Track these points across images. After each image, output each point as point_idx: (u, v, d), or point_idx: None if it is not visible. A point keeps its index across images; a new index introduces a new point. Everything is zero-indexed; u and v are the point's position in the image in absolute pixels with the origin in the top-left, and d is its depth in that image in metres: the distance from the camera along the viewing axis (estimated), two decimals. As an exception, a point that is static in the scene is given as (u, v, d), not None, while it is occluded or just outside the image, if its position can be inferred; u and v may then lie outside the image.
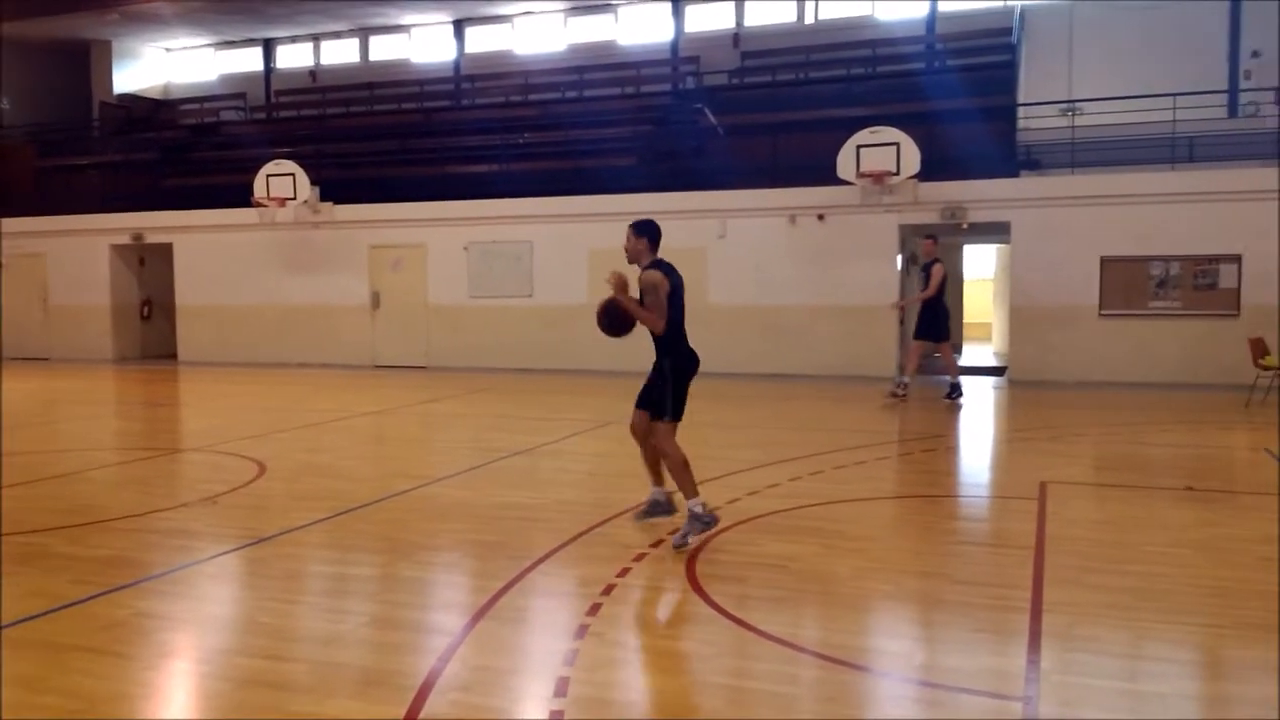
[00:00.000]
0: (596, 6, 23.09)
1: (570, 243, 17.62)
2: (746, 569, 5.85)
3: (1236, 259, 14.69)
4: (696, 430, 11.23)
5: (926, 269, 13.16)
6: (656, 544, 6.30)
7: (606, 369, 16.70)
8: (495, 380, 16.54)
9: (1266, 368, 12.62)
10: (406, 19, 24.48)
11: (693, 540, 6.24)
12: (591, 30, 23.52)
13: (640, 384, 6.71)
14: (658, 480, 6.61)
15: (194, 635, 4.99)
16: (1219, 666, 4.61)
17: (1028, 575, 5.63)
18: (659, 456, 6.46)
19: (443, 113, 22.34)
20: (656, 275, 6.31)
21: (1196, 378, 14.52)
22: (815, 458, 9.10)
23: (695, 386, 6.75)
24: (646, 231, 6.45)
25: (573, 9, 23.34)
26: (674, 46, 22.54)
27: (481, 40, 24.71)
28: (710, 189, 16.87)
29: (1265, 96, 17.46)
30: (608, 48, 23.08)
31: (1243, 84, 18.69)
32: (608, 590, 5.42)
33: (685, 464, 6.31)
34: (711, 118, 18.14)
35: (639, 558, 6.03)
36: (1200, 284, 14.94)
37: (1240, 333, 13.83)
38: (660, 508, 6.61)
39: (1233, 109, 18.37)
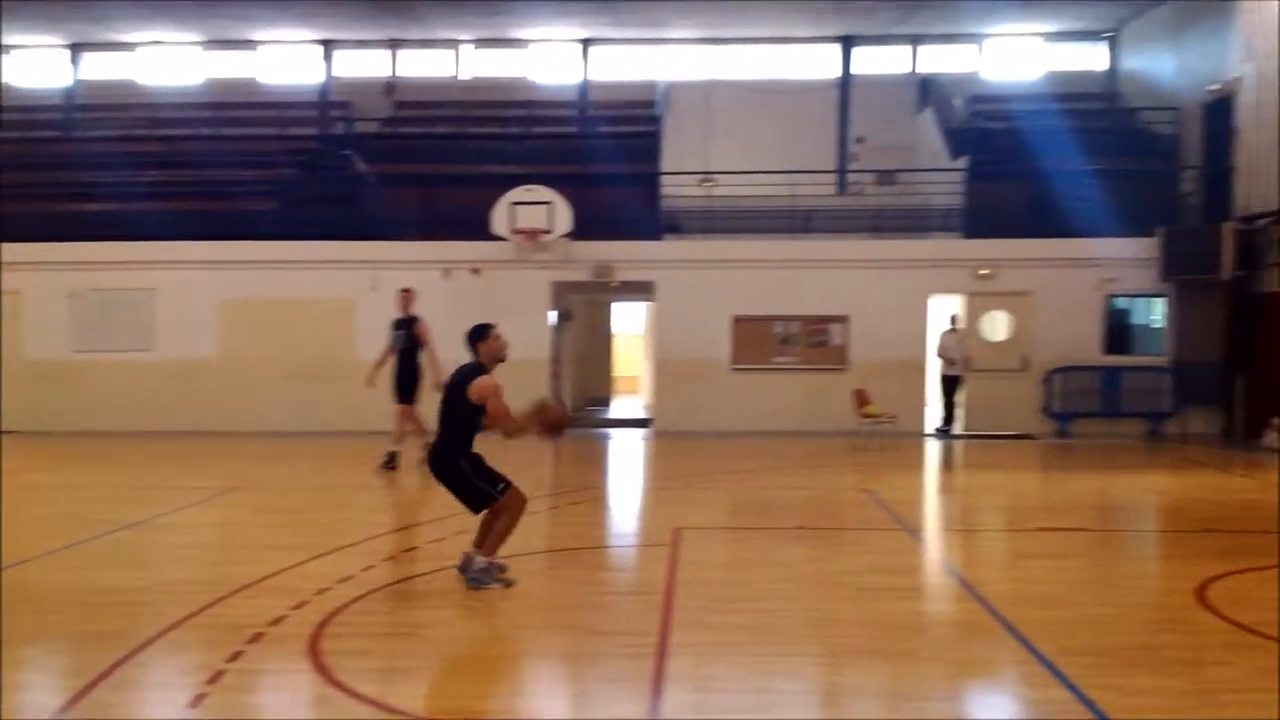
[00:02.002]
0: (236, 42, 21.79)
1: (199, 291, 16.21)
2: (375, 641, 5.51)
3: (844, 319, 16.46)
4: (336, 493, 10.70)
5: (404, 325, 11.64)
6: (277, 621, 5.74)
7: (238, 430, 15.48)
8: (105, 444, 14.68)
9: (867, 416, 14.19)
10: (9, 39, 21.64)
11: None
12: (231, 66, 22.13)
13: (265, 444, 6.14)
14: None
15: None
16: (826, 694, 4.95)
17: (657, 621, 5.76)
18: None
19: (50, 144, 19.90)
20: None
21: (813, 425, 15.98)
22: (459, 517, 8.80)
23: (354, 450, 6.34)
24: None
25: (209, 42, 21.85)
26: (323, 89, 21.77)
27: (100, 67, 22.41)
28: (360, 239, 16.31)
29: (868, 177, 19.87)
30: (249, 85, 21.83)
31: (850, 165, 21.21)
32: (215, 678, 4.86)
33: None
34: (362, 165, 17.61)
35: (255, 639, 5.46)
36: (814, 342, 16.57)
37: (848, 385, 15.42)
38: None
39: (841, 186, 20.74)
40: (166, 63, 22.23)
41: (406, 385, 11.59)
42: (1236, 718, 4.44)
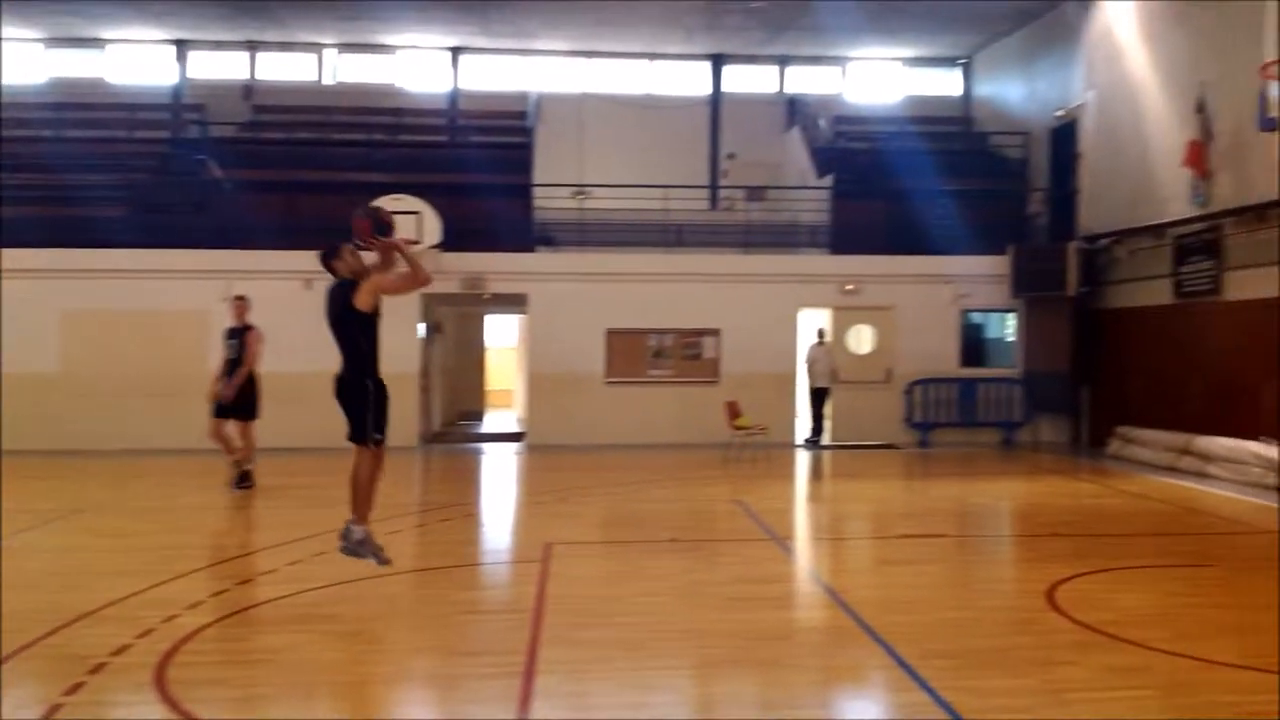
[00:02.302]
0: (82, 40, 20.61)
1: (37, 302, 15.14)
2: (228, 669, 5.25)
3: (716, 332, 16.68)
4: (184, 515, 10.17)
5: (237, 335, 11.20)
6: (121, 651, 5.40)
7: (81, 449, 14.56)
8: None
9: (739, 428, 14.40)
10: None
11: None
12: (77, 65, 20.90)
13: (111, 463, 5.80)
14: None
15: None
16: (696, 706, 4.95)
17: (525, 638, 5.65)
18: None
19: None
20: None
21: (687, 438, 16.12)
22: (320, 537, 8.50)
23: (205, 469, 6.05)
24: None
25: (53, 39, 20.59)
26: (176, 91, 20.79)
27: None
28: (215, 248, 15.61)
29: (738, 194, 20.21)
30: (96, 85, 20.67)
31: (721, 181, 21.55)
32: (52, 712, 4.56)
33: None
34: (218, 171, 16.86)
35: (97, 669, 5.13)
36: (688, 354, 16.74)
37: (721, 397, 15.62)
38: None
39: (713, 202, 21.05)
40: (7, 60, 20.80)
41: (240, 399, 11.01)
42: (1083, 715, 4.64)
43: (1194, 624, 6.04)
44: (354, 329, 6.51)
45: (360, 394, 6.53)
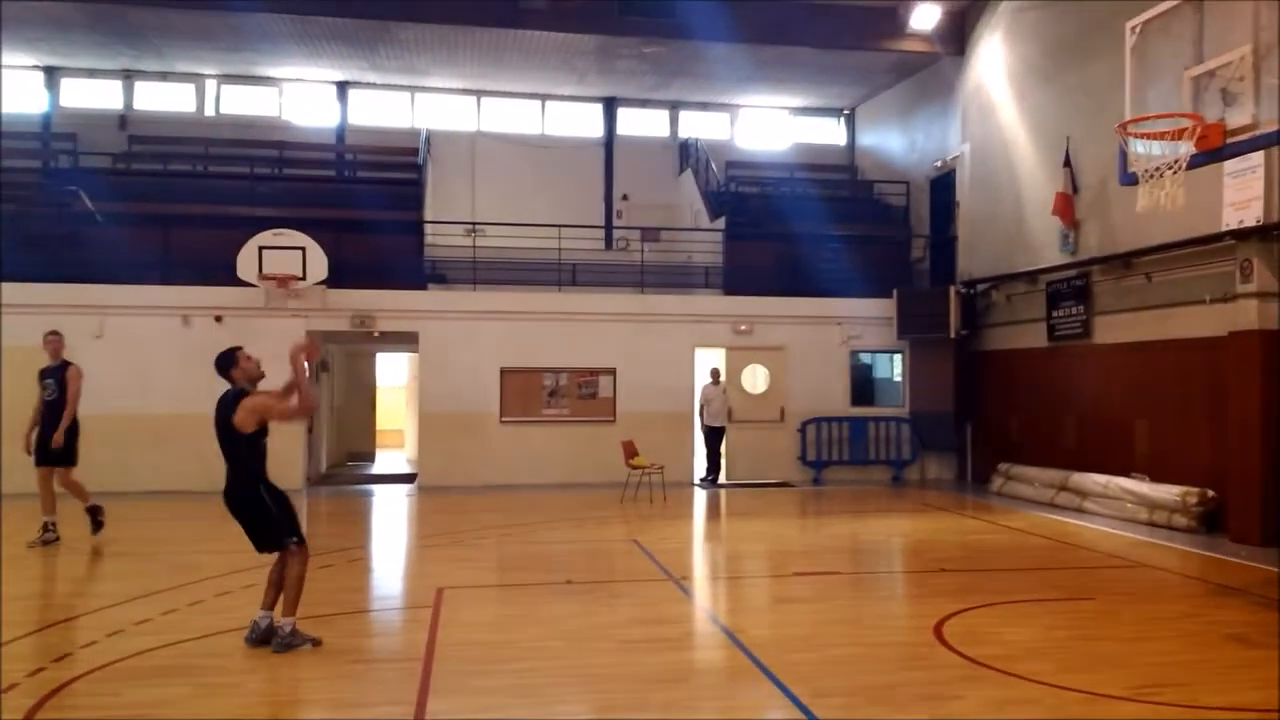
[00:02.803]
0: (-55, 63, 19.55)
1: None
2: (94, 727, 4.88)
3: (612, 372, 16.67)
4: (51, 562, 9.51)
5: (53, 374, 10.24)
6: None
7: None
8: None
9: (635, 467, 14.35)
10: None
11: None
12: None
13: None
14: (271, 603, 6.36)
15: None
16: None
17: (415, 688, 5.44)
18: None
19: None
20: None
21: (583, 477, 16.01)
22: (197, 585, 8.11)
23: (72, 514, 5.62)
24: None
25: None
26: (47, 120, 19.84)
27: None
28: (85, 282, 14.86)
29: (633, 234, 20.35)
30: (-41, 112, 19.60)
31: (616, 222, 21.67)
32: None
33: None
34: (89, 203, 16.11)
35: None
36: (584, 394, 16.67)
37: (617, 437, 15.55)
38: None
39: (609, 242, 21.15)
40: None
41: (43, 444, 10.15)
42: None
43: (1078, 656, 6.21)
44: (239, 445, 6.18)
45: (257, 505, 6.19)
